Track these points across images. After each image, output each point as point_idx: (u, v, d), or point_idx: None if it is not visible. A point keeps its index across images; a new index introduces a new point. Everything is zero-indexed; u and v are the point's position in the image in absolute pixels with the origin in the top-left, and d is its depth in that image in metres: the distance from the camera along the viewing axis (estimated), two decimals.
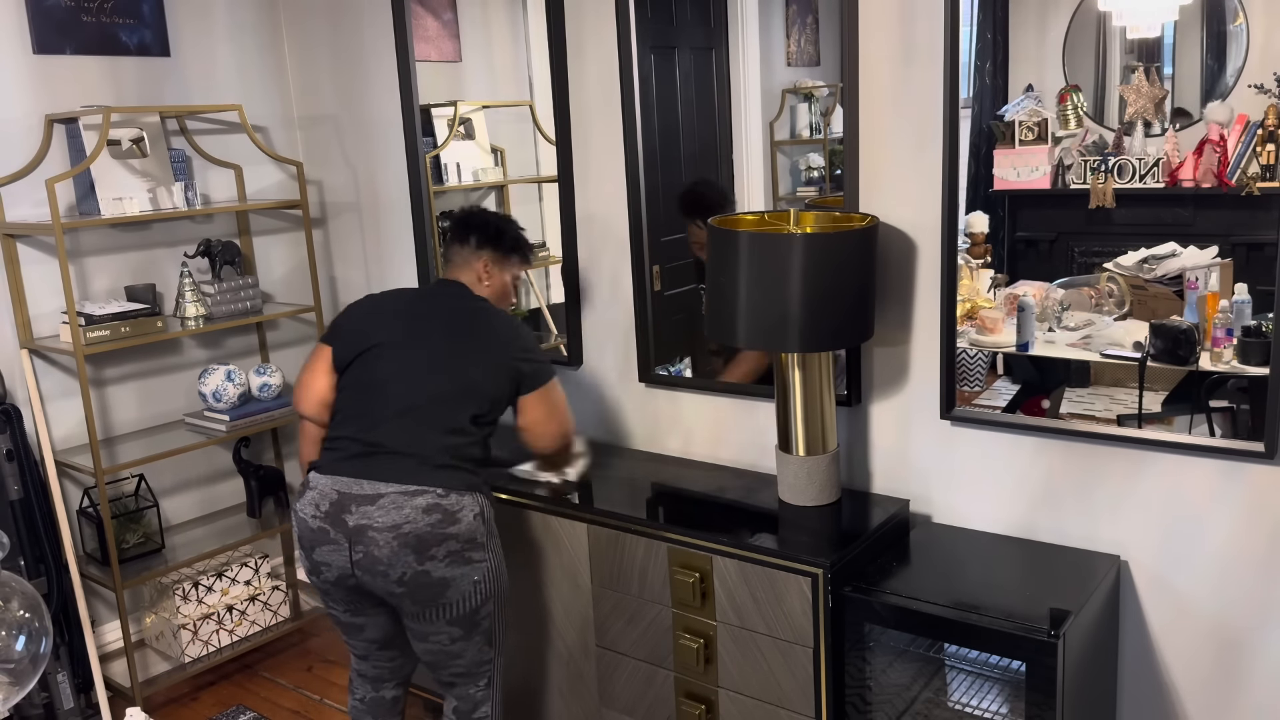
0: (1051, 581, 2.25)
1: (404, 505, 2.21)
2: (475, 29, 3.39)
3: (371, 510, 2.21)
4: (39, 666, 2.06)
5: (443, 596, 2.26)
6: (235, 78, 3.67)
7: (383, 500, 2.21)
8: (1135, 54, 2.20)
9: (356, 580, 2.27)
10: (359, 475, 2.25)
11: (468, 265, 2.56)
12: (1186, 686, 2.33)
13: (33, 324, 3.21)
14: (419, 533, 2.20)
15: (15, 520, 3.08)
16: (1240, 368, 2.12)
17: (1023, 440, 2.41)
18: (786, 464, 2.50)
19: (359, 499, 2.22)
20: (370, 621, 2.41)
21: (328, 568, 2.28)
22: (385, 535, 2.20)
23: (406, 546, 2.20)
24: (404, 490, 2.22)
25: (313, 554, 2.29)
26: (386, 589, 2.25)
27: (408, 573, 2.21)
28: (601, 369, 3.13)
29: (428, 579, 2.23)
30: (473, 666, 2.40)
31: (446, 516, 2.23)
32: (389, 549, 2.20)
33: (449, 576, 2.25)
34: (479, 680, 2.43)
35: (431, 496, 2.23)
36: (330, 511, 2.24)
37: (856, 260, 2.29)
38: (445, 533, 2.23)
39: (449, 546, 2.23)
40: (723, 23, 2.75)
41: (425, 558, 2.21)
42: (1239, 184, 2.07)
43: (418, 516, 2.20)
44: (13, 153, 3.14)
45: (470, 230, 2.58)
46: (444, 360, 2.38)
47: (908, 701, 2.39)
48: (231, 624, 3.51)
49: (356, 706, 2.58)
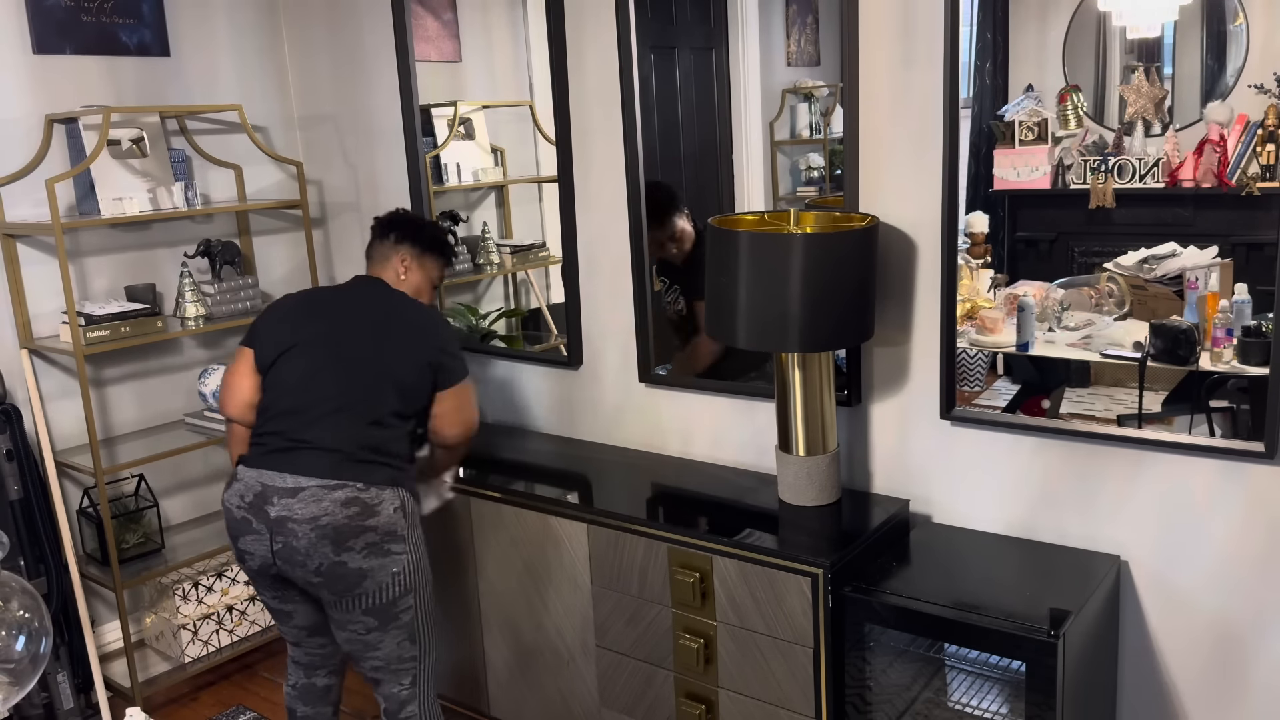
0: (1051, 581, 2.25)
1: (323, 498, 2.25)
2: (475, 29, 3.39)
3: (292, 502, 2.26)
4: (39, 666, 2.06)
5: (359, 587, 2.29)
6: (235, 78, 3.67)
7: (303, 493, 2.26)
8: (1135, 54, 2.20)
9: (277, 569, 2.33)
10: (282, 469, 2.30)
11: (386, 261, 2.63)
12: (1186, 686, 2.33)
13: (33, 324, 3.21)
14: (336, 525, 2.25)
15: (15, 520, 3.08)
16: (1240, 368, 2.12)
17: (1023, 440, 2.41)
18: (786, 464, 2.50)
19: (280, 491, 2.27)
20: (297, 609, 2.47)
21: (251, 556, 2.34)
22: (304, 527, 2.25)
23: (324, 538, 2.25)
24: (324, 484, 2.27)
25: (238, 543, 2.36)
26: (305, 579, 2.31)
27: (324, 563, 2.26)
28: (601, 369, 3.13)
29: (344, 569, 2.27)
30: (392, 662, 2.41)
31: (365, 509, 2.27)
32: (307, 540, 2.25)
33: (366, 568, 2.28)
34: (402, 679, 2.44)
35: (351, 490, 2.27)
36: (253, 503, 2.30)
37: (856, 260, 2.29)
38: (363, 525, 2.27)
39: (367, 538, 2.28)
40: (723, 23, 2.75)
41: (342, 549, 2.26)
42: (1239, 184, 2.07)
43: (336, 510, 2.25)
44: (13, 153, 3.14)
45: (390, 228, 2.66)
46: (364, 355, 2.42)
47: (908, 701, 2.39)
48: (231, 624, 3.51)
49: (289, 693, 2.63)
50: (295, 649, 2.58)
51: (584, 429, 3.20)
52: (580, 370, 3.18)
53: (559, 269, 3.19)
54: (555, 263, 3.23)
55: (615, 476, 2.91)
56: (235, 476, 2.37)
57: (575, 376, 3.19)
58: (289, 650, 2.61)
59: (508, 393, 3.38)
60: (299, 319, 2.49)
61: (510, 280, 3.49)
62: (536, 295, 3.46)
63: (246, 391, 2.46)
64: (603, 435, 3.16)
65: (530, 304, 3.50)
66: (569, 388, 3.22)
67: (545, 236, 3.32)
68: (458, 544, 2.91)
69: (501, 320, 3.49)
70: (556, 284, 3.28)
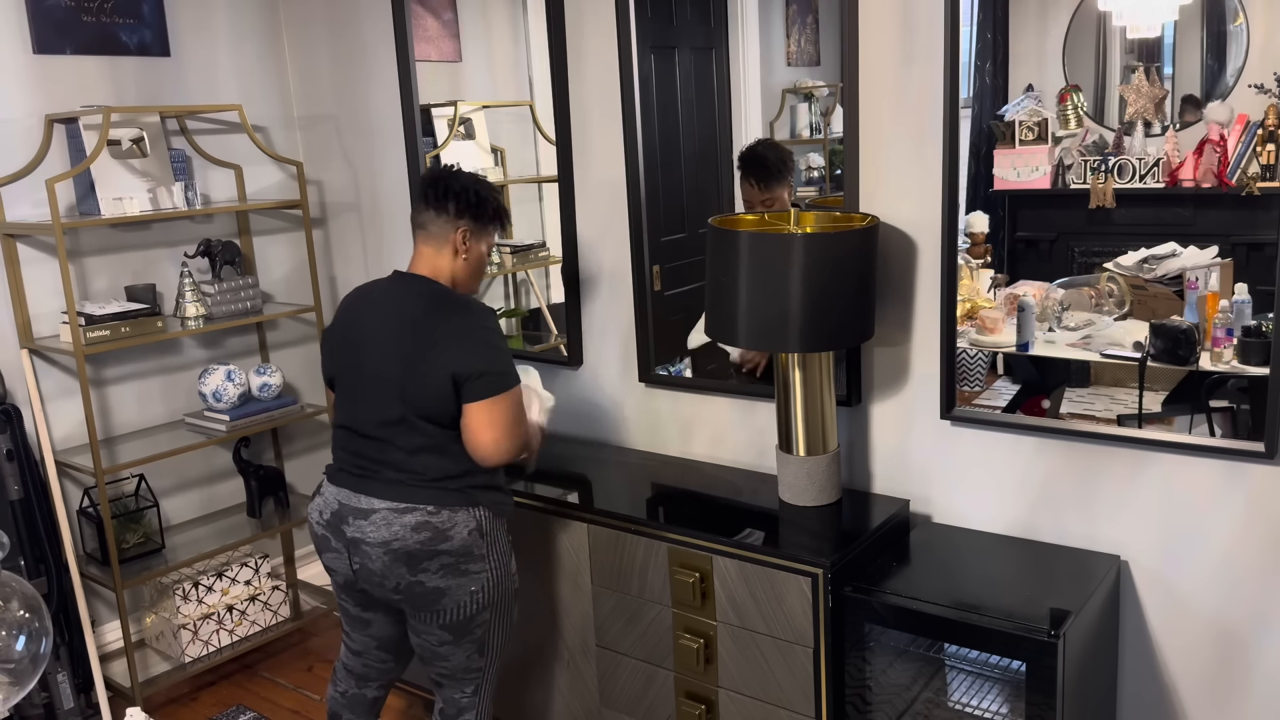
0: (1051, 581, 2.25)
1: (394, 523, 2.22)
2: (475, 29, 3.38)
3: (364, 525, 2.24)
4: (39, 666, 2.06)
5: (437, 604, 2.28)
6: (235, 78, 3.67)
7: (374, 516, 2.24)
8: (1135, 54, 2.20)
9: (361, 586, 2.33)
10: (356, 490, 2.28)
11: (444, 236, 2.33)
12: (1186, 686, 2.33)
13: (33, 324, 3.21)
14: (409, 549, 2.22)
15: (15, 520, 3.08)
16: (1240, 368, 2.12)
17: (1023, 440, 2.41)
18: (786, 464, 2.50)
19: (355, 512, 2.26)
20: (377, 619, 2.45)
21: (335, 573, 2.37)
22: (377, 550, 2.23)
23: (398, 562, 2.23)
24: (394, 507, 2.23)
25: (322, 556, 2.38)
26: (386, 597, 2.31)
27: (401, 583, 2.25)
28: (601, 369, 3.13)
29: (422, 588, 2.25)
30: (459, 671, 2.40)
31: (437, 534, 2.22)
32: (381, 563, 2.24)
33: (444, 586, 2.26)
34: (465, 686, 2.43)
35: (421, 514, 2.22)
36: (330, 521, 2.31)
37: (856, 260, 2.29)
38: (436, 549, 2.23)
39: (442, 561, 2.24)
40: (723, 23, 2.75)
41: (417, 570, 2.23)
42: (1239, 184, 2.07)
43: (407, 535, 2.21)
44: (13, 153, 3.14)
45: (448, 196, 2.32)
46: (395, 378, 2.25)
47: (908, 701, 2.39)
48: (231, 624, 3.51)
49: (336, 699, 2.59)
50: (354, 658, 2.53)
51: (584, 429, 3.20)
52: (580, 370, 3.18)
53: (559, 269, 3.18)
54: (555, 263, 3.23)
55: (615, 476, 2.91)
56: (318, 490, 2.39)
57: (575, 376, 3.19)
58: (343, 657, 2.56)
59: None
60: (345, 335, 2.39)
61: (510, 280, 3.49)
62: (536, 295, 3.46)
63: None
64: (603, 435, 3.16)
65: (530, 304, 3.50)
66: (569, 388, 3.22)
67: (545, 236, 3.32)
68: None
69: (501, 320, 3.49)
70: (556, 284, 3.28)
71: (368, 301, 2.40)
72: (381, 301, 2.37)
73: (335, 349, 2.43)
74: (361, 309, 2.40)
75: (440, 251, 2.34)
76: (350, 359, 2.36)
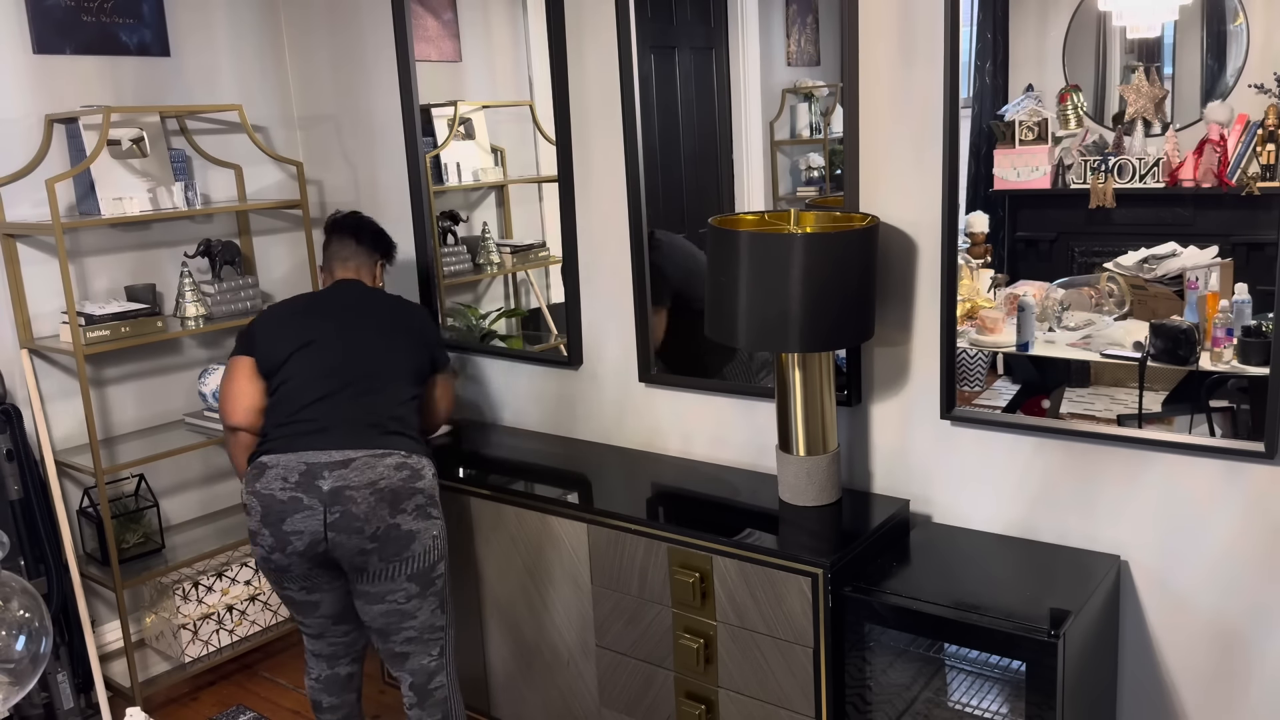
0: (1051, 581, 2.25)
1: (376, 465, 2.40)
2: (475, 29, 3.39)
3: (346, 473, 2.37)
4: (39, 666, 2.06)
5: (408, 549, 2.42)
6: (235, 78, 3.67)
7: (355, 463, 2.38)
8: (1135, 54, 2.20)
9: (326, 545, 2.37)
10: (324, 446, 2.41)
11: (365, 266, 2.84)
12: (1186, 686, 2.33)
13: (33, 324, 3.21)
14: (394, 487, 2.40)
15: (15, 520, 3.08)
16: (1240, 368, 2.12)
17: (1023, 440, 2.41)
18: (786, 464, 2.50)
19: (330, 465, 2.38)
20: (325, 598, 2.52)
21: (299, 536, 2.36)
22: (363, 492, 2.36)
23: (383, 501, 2.38)
24: (373, 453, 2.41)
25: (282, 525, 2.36)
26: (358, 546, 2.37)
27: (381, 526, 2.37)
28: (601, 369, 3.13)
29: (398, 531, 2.40)
30: (425, 631, 2.51)
31: (413, 473, 2.45)
32: (366, 504, 2.36)
33: (415, 529, 2.43)
34: (431, 649, 2.54)
35: (398, 456, 2.44)
36: (301, 481, 2.37)
37: (856, 260, 2.29)
38: (414, 487, 2.44)
39: (417, 500, 2.44)
40: (723, 23, 2.75)
41: (397, 510, 2.40)
42: (1239, 184, 2.07)
43: (390, 473, 2.40)
44: (13, 153, 3.14)
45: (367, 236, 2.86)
46: (377, 344, 2.61)
47: (908, 701, 2.39)
48: (231, 624, 3.51)
49: (314, 686, 2.68)
50: (316, 641, 2.62)
51: (584, 429, 3.20)
52: (580, 370, 3.18)
53: (559, 269, 3.18)
54: (555, 263, 3.23)
55: (615, 476, 2.91)
56: (265, 467, 2.41)
57: (575, 376, 3.19)
58: (308, 645, 2.64)
59: (508, 393, 3.38)
60: (305, 319, 2.65)
61: (510, 280, 3.49)
62: (536, 295, 3.46)
63: (251, 397, 2.56)
64: (603, 435, 3.16)
65: (530, 304, 3.50)
66: (569, 388, 3.22)
67: (545, 236, 3.32)
68: (458, 544, 2.91)
69: (501, 320, 3.49)
70: (556, 284, 3.28)
71: (316, 296, 2.79)
72: (335, 294, 2.76)
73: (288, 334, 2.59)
74: (316, 301, 2.76)
75: (363, 277, 2.82)
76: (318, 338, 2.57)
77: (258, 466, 2.42)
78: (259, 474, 2.41)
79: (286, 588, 2.49)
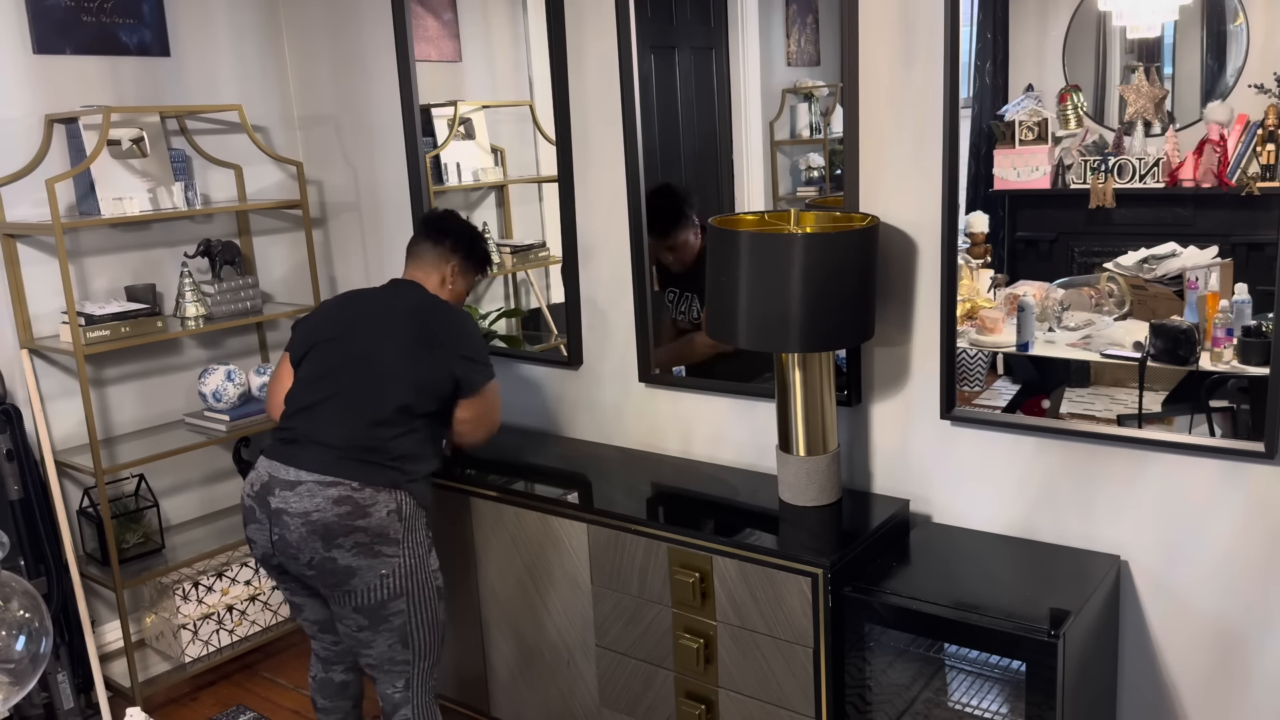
0: (1051, 581, 2.25)
1: (316, 494, 2.29)
2: (475, 29, 3.38)
3: (289, 495, 2.31)
4: (39, 666, 2.06)
5: (347, 584, 2.33)
6: (235, 78, 3.67)
7: (300, 488, 2.31)
8: (1135, 54, 2.20)
9: (278, 560, 2.39)
10: (286, 461, 2.36)
11: (435, 266, 2.63)
12: (1186, 686, 2.33)
13: (33, 324, 3.21)
14: (326, 522, 2.28)
15: (15, 520, 3.08)
16: (1240, 368, 2.12)
17: (1023, 440, 2.41)
18: (786, 464, 2.50)
19: (282, 484, 2.33)
20: (305, 603, 2.52)
21: (254, 545, 2.42)
22: (296, 520, 2.30)
23: (314, 534, 2.29)
24: (320, 480, 2.30)
25: (246, 529, 2.43)
26: (300, 571, 2.37)
27: (315, 557, 2.31)
28: (601, 369, 3.13)
29: (334, 565, 2.31)
30: (384, 663, 2.42)
31: (356, 509, 2.30)
32: (298, 534, 2.30)
33: (354, 566, 2.31)
34: (395, 680, 2.44)
35: (345, 489, 2.30)
36: (259, 493, 2.37)
37: (856, 260, 2.29)
38: (353, 525, 2.29)
39: (356, 539, 2.30)
40: (723, 23, 2.75)
41: (331, 545, 2.29)
42: (1239, 184, 2.07)
43: (327, 506, 2.29)
44: (13, 153, 3.14)
45: (446, 234, 2.65)
46: (374, 355, 2.44)
47: (908, 701, 2.39)
48: (231, 624, 3.51)
49: (312, 684, 2.70)
50: (314, 642, 2.64)
51: (584, 429, 3.20)
52: (580, 370, 3.18)
53: (559, 269, 3.18)
54: (555, 263, 3.23)
55: (615, 476, 2.91)
56: (252, 468, 2.44)
57: (575, 376, 3.19)
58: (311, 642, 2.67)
59: (508, 392, 3.37)
60: (326, 320, 2.57)
61: (510, 280, 3.49)
62: (536, 295, 3.46)
63: (283, 392, 2.53)
64: (603, 435, 3.16)
65: (530, 304, 3.50)
66: (569, 388, 3.22)
67: (545, 236, 3.32)
68: (458, 544, 2.91)
69: (501, 320, 3.49)
70: (556, 284, 3.28)
71: (360, 295, 2.66)
72: (377, 295, 2.61)
73: (316, 328, 2.54)
74: (354, 299, 2.64)
75: (428, 279, 2.62)
76: (334, 336, 2.49)
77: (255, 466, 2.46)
78: (250, 473, 2.45)
79: (276, 585, 2.53)
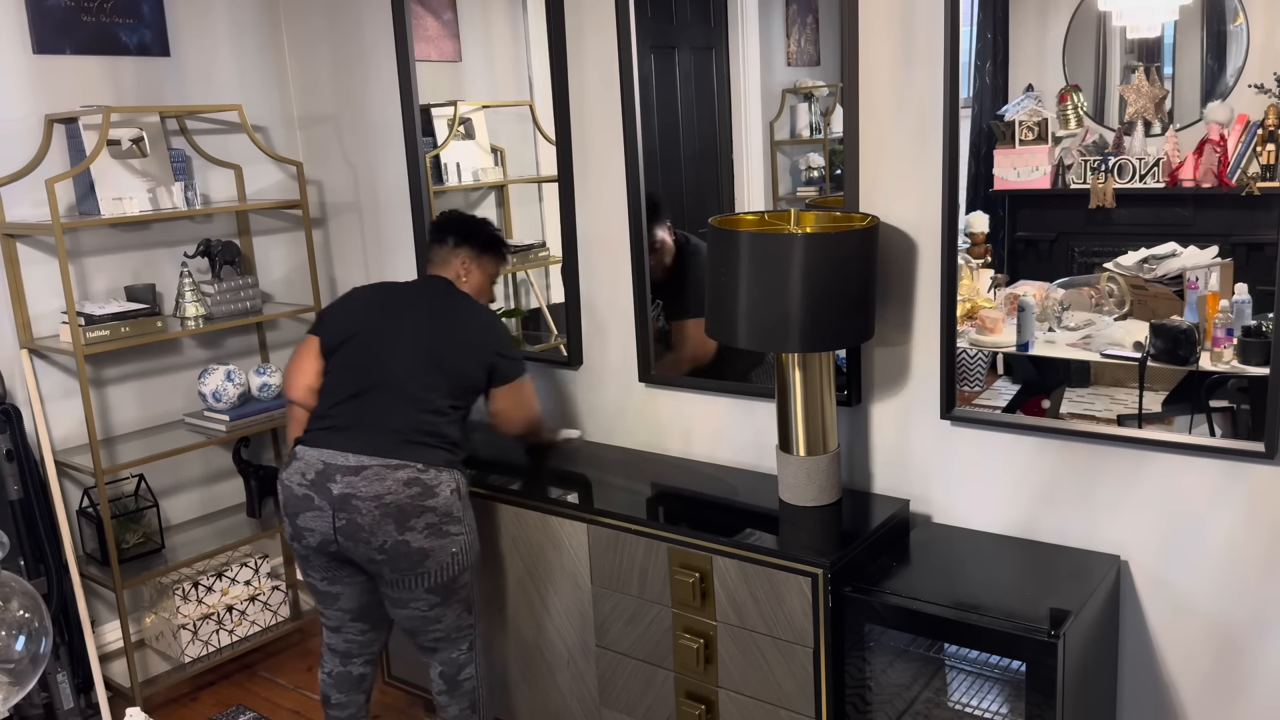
0: (1051, 581, 2.25)
1: (386, 477, 2.36)
2: (475, 29, 3.38)
3: (356, 480, 2.36)
4: (39, 666, 2.06)
5: (421, 566, 2.40)
6: (235, 78, 3.67)
7: (366, 472, 2.36)
8: (1135, 54, 2.20)
9: (338, 546, 2.40)
10: (343, 448, 2.40)
11: (446, 264, 2.72)
12: (1186, 686, 2.33)
13: (33, 324, 3.21)
14: (400, 504, 2.35)
15: (15, 520, 3.08)
16: (1240, 368, 2.12)
17: (1023, 440, 2.41)
18: (787, 464, 2.50)
19: (344, 469, 2.37)
20: (346, 591, 2.53)
21: (310, 533, 2.42)
22: (369, 504, 2.34)
23: (388, 516, 2.35)
24: (386, 463, 2.37)
25: (296, 520, 2.43)
26: (368, 555, 2.39)
27: (388, 541, 2.36)
28: (601, 369, 3.13)
29: (407, 549, 2.37)
30: (452, 631, 2.55)
31: (425, 490, 2.39)
32: (371, 517, 2.35)
33: (428, 548, 2.39)
34: (460, 645, 2.58)
35: (412, 470, 2.38)
36: (315, 480, 2.38)
37: (856, 260, 2.29)
38: (424, 505, 2.38)
39: (427, 519, 2.39)
40: (723, 23, 2.75)
41: (405, 528, 2.36)
42: (1239, 184, 2.07)
43: (399, 489, 2.36)
44: (13, 153, 3.14)
45: (446, 231, 2.75)
46: (424, 346, 2.52)
47: (908, 701, 2.39)
48: (231, 624, 3.51)
49: (325, 680, 2.69)
50: (333, 636, 2.64)
51: (584, 429, 3.20)
52: (580, 370, 3.18)
53: (559, 269, 3.18)
54: (555, 263, 3.23)
55: (615, 476, 2.91)
56: (294, 455, 2.46)
57: (575, 376, 3.19)
58: (325, 638, 2.67)
59: None
60: (366, 309, 2.63)
61: (510, 280, 3.49)
62: (536, 295, 3.46)
63: (309, 375, 2.58)
64: (603, 435, 3.16)
65: (530, 304, 3.50)
66: (569, 388, 3.22)
67: (545, 236, 3.32)
68: None
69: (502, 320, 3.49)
70: (556, 284, 3.28)
71: (393, 287, 2.73)
72: (411, 289, 2.70)
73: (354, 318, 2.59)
74: (390, 290, 2.70)
75: (449, 276, 2.70)
76: (374, 325, 2.55)
77: (292, 455, 2.48)
78: (288, 463, 2.47)
79: (309, 575, 2.53)
